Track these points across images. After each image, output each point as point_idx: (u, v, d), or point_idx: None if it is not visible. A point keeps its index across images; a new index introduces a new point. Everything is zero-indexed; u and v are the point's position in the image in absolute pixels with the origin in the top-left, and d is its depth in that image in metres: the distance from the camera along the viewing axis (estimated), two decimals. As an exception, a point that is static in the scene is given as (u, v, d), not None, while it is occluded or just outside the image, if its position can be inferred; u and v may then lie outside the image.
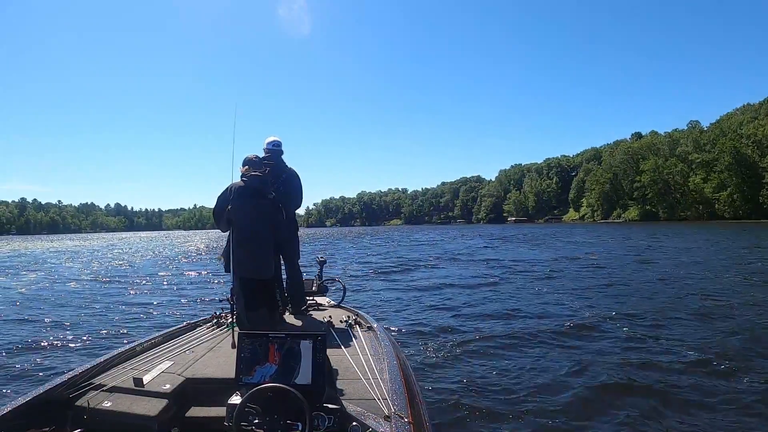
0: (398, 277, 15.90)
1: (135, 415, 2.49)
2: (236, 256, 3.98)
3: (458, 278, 14.63)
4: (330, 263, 19.40)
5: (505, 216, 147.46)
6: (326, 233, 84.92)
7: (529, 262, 19.00)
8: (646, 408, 4.55)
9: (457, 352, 6.50)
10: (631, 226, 68.51)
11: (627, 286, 11.98)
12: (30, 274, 20.17)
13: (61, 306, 11.28)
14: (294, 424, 2.12)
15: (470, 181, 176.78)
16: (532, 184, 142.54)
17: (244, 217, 4.07)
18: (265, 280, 4.13)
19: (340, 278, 6.32)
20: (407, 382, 2.84)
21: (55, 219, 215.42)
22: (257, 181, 4.15)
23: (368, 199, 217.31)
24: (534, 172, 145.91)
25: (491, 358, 6.24)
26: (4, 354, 6.89)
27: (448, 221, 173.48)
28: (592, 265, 17.44)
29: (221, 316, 4.38)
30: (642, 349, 6.44)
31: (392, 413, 2.29)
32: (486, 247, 30.08)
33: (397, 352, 3.45)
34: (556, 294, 11.05)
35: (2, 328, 8.68)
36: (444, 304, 10.18)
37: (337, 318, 4.32)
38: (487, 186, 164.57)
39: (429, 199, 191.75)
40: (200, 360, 3.22)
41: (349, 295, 8.43)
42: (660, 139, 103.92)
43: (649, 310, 8.77)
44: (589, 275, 14.54)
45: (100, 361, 3.08)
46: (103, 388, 2.68)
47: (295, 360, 2.34)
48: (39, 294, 13.48)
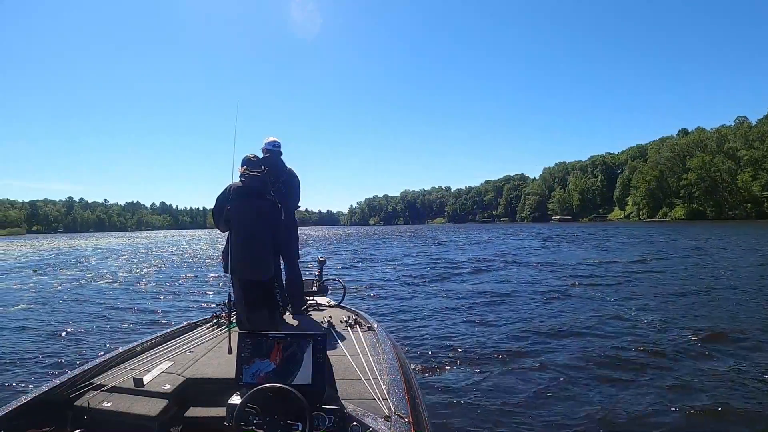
0: (453, 283, 13.81)
1: (135, 415, 2.51)
2: (235, 257, 3.93)
3: (522, 283, 13.18)
4: (373, 265, 19.89)
5: (549, 214, 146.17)
6: (370, 232, 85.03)
7: (596, 265, 17.35)
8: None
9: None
10: (678, 226, 65.68)
11: (707, 296, 10.35)
12: (66, 271, 20.66)
13: (78, 303, 11.50)
14: (294, 424, 2.12)
15: (514, 179, 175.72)
16: (576, 182, 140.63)
17: (243, 218, 4.04)
18: (264, 281, 4.12)
19: (340, 278, 6.38)
20: (407, 382, 2.83)
21: (101, 217, 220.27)
22: (256, 182, 4.12)
23: (412, 198, 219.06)
24: (578, 170, 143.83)
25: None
26: (5, 354, 6.95)
27: (492, 220, 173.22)
28: (657, 269, 15.65)
29: (221, 316, 4.41)
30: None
31: (392, 413, 2.30)
32: (541, 248, 27.89)
33: (397, 352, 3.44)
34: (629, 303, 9.75)
35: (7, 327, 8.76)
36: (499, 317, 8.78)
37: (338, 318, 4.32)
38: (531, 184, 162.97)
39: (472, 198, 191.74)
40: (200, 360, 3.23)
41: (397, 306, 8.99)
42: (707, 135, 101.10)
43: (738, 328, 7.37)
44: (656, 281, 12.84)
45: (100, 362, 3.08)
46: (103, 388, 2.70)
47: (295, 360, 2.33)
48: (61, 292, 13.73)
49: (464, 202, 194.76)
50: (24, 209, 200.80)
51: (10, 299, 12.63)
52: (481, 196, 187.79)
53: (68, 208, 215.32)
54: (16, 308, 11.10)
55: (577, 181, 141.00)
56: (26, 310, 10.75)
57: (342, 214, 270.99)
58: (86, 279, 17.44)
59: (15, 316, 10.01)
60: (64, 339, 7.82)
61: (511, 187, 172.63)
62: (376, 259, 24.11)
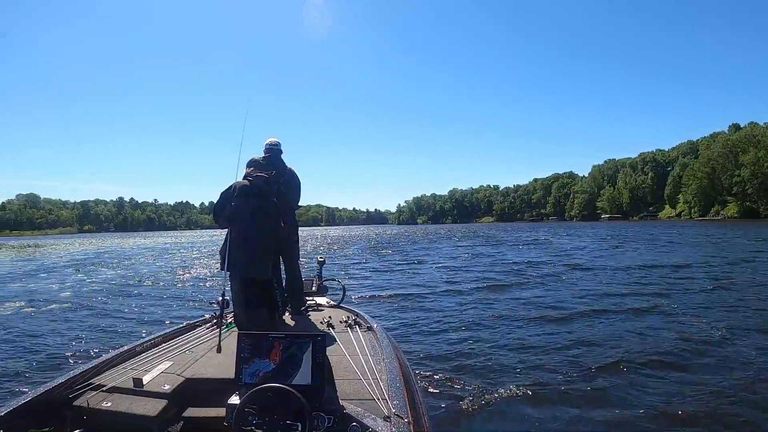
0: (522, 291, 12.07)
1: (135, 415, 2.52)
2: (235, 255, 3.91)
3: (594, 294, 11.14)
4: (419, 270, 17.74)
5: (598, 213, 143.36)
6: (419, 231, 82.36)
7: (677, 268, 15.47)
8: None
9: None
10: (732, 224, 62.19)
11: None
12: (107, 270, 20.94)
13: (106, 302, 11.62)
14: (293, 424, 2.12)
15: (563, 177, 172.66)
16: (626, 180, 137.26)
17: (245, 217, 4.04)
18: (264, 280, 4.13)
19: (339, 278, 6.28)
20: (407, 383, 2.83)
21: (151, 217, 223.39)
22: (262, 182, 4.15)
23: (460, 196, 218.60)
24: (628, 167, 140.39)
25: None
26: (5, 354, 7.00)
27: (540, 218, 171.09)
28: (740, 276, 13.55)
29: (221, 316, 4.42)
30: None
31: (392, 413, 2.30)
32: (603, 250, 25.67)
33: (397, 353, 3.45)
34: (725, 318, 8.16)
35: (15, 327, 8.85)
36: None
37: (337, 318, 4.32)
38: (580, 182, 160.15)
39: (520, 196, 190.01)
40: (200, 360, 3.24)
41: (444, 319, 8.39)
42: (760, 130, 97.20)
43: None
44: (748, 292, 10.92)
45: (100, 362, 3.10)
46: (102, 389, 2.71)
47: (294, 360, 2.34)
48: (95, 291, 13.88)
49: (512, 200, 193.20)
50: (75, 209, 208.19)
51: (46, 297, 12.84)
52: (530, 195, 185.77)
53: (119, 208, 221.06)
54: (50, 307, 11.09)
55: (626, 179, 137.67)
56: (55, 310, 10.73)
57: (390, 213, 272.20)
58: (123, 278, 17.70)
59: (37, 316, 10.05)
60: (81, 338, 7.87)
61: (559, 185, 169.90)
62: (424, 261, 22.16)
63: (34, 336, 8.16)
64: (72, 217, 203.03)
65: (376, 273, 17.68)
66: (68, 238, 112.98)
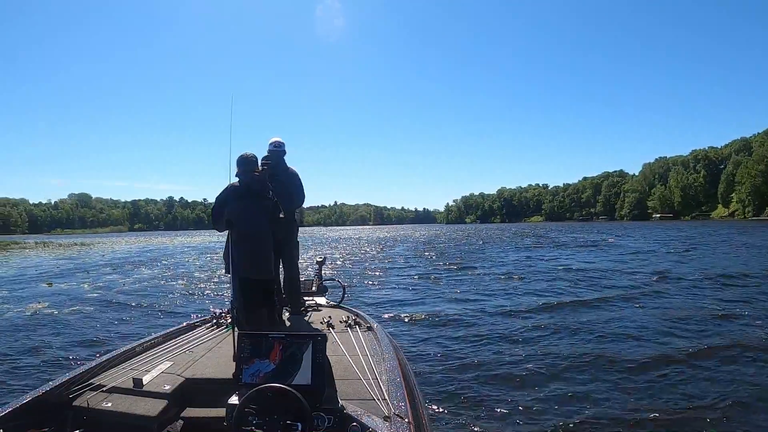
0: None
1: (135, 415, 2.53)
2: (236, 257, 3.94)
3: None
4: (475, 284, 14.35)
5: (649, 213, 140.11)
6: (468, 231, 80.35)
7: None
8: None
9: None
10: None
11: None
12: (143, 270, 20.88)
13: (127, 302, 11.54)
14: (293, 424, 2.12)
15: (612, 176, 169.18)
16: (678, 179, 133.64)
17: (243, 218, 4.05)
18: (265, 281, 4.14)
19: (339, 278, 6.28)
20: (407, 383, 2.83)
21: (200, 216, 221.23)
22: (256, 182, 4.15)
23: (508, 195, 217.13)
24: (680, 165, 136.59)
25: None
26: (6, 354, 7.09)
27: (590, 218, 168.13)
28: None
29: (221, 316, 4.47)
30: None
31: (392, 413, 2.30)
32: (680, 254, 22.43)
33: (397, 353, 3.44)
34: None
35: (30, 328, 8.83)
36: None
37: (337, 318, 4.33)
38: (631, 181, 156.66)
39: (570, 195, 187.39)
40: (200, 360, 3.26)
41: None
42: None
43: None
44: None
45: (100, 362, 3.12)
46: (102, 389, 2.73)
47: (294, 360, 2.34)
48: (121, 291, 13.92)
49: (561, 199, 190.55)
50: (127, 208, 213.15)
51: (73, 297, 12.82)
52: (579, 194, 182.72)
53: (168, 207, 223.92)
54: (71, 308, 10.93)
55: (678, 177, 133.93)
56: (75, 311, 10.58)
57: (438, 212, 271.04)
58: (154, 278, 17.66)
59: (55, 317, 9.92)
60: (90, 340, 7.89)
61: (609, 183, 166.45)
62: (479, 267, 19.25)
63: (43, 336, 8.16)
64: (123, 216, 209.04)
65: (419, 282, 15.39)
66: (117, 236, 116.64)
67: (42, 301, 12.22)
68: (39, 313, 10.59)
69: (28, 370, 6.34)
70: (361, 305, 9.19)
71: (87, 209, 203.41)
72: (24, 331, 8.75)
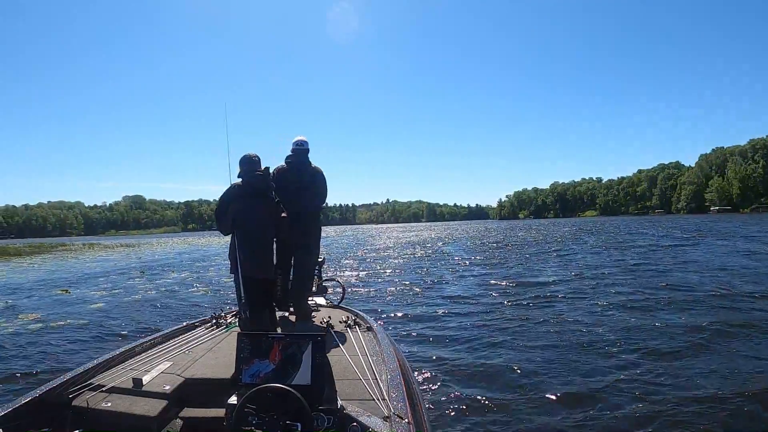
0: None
1: (134, 415, 2.53)
2: (241, 256, 3.96)
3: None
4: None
5: (706, 205, 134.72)
6: (523, 227, 77.16)
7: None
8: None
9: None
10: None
11: None
12: (171, 274, 20.03)
13: (138, 310, 11.14)
14: (293, 424, 2.11)
15: (668, 168, 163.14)
16: (736, 170, 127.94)
17: (248, 218, 4.07)
18: (268, 280, 4.16)
19: (339, 278, 6.10)
20: (407, 383, 2.81)
21: None
22: (260, 181, 4.15)
23: (562, 190, 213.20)
24: (738, 155, 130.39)
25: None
26: (6, 354, 7.11)
27: (645, 212, 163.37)
28: None
29: (220, 316, 4.47)
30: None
31: (392, 414, 2.29)
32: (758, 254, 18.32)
33: (397, 353, 3.43)
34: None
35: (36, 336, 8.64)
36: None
37: (337, 318, 4.32)
38: (687, 173, 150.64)
39: (624, 188, 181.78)
40: (199, 360, 3.26)
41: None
42: None
43: None
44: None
45: (99, 362, 3.13)
46: (102, 389, 2.74)
47: (294, 360, 2.33)
48: (138, 298, 13.32)
49: (616, 193, 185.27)
50: (180, 209, 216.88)
51: (87, 304, 12.42)
52: (634, 187, 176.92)
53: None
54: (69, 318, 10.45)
55: (736, 168, 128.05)
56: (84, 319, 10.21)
57: (491, 207, 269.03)
58: (178, 285, 16.77)
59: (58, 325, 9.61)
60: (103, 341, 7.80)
61: (665, 176, 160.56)
62: (538, 272, 15.99)
63: (45, 345, 7.96)
64: (176, 217, 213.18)
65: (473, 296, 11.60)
66: (167, 236, 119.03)
67: (50, 308, 11.99)
68: (43, 319, 10.43)
69: (27, 370, 6.39)
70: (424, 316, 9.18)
71: (141, 211, 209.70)
72: (25, 335, 8.74)
